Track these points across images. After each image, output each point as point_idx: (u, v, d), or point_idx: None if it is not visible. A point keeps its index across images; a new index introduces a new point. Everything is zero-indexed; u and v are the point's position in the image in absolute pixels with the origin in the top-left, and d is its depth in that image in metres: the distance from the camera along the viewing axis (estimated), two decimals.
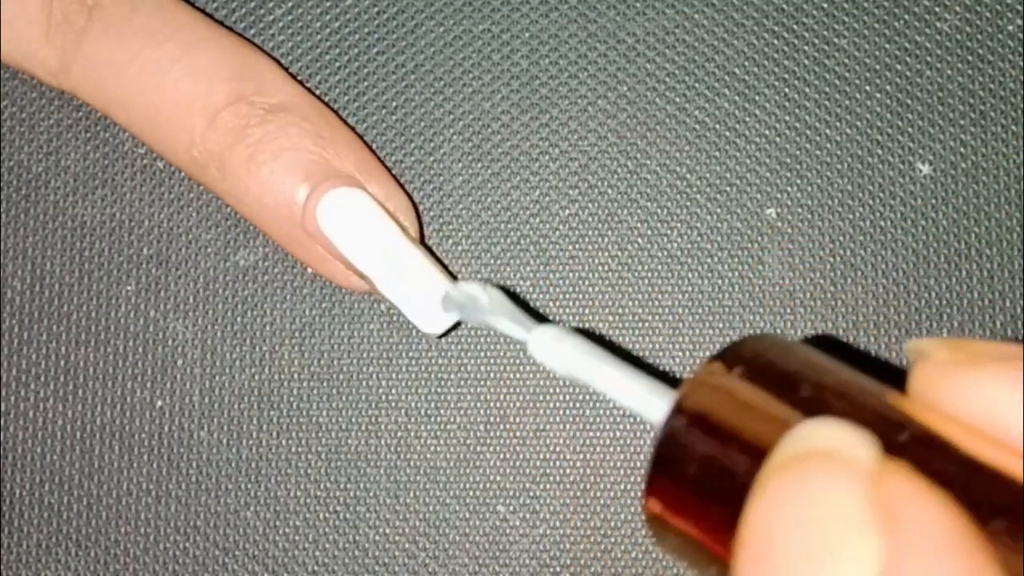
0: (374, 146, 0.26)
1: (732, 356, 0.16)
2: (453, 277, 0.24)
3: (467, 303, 0.22)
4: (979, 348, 0.15)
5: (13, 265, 0.26)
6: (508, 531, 0.25)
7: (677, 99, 0.26)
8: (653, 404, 0.17)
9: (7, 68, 0.26)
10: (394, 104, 0.26)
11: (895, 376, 0.15)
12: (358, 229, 0.23)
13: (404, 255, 0.23)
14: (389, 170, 0.25)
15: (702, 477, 0.15)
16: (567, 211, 0.26)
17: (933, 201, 0.25)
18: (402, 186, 0.25)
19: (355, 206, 0.23)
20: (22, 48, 0.24)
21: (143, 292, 0.26)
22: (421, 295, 0.23)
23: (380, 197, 0.24)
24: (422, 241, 0.25)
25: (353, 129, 0.26)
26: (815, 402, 0.14)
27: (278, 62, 0.26)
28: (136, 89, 0.23)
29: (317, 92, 0.26)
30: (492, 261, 0.26)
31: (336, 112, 0.26)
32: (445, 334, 0.25)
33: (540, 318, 0.26)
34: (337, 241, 0.23)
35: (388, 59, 0.26)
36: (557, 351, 0.19)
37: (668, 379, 0.17)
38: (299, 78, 0.26)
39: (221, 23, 0.26)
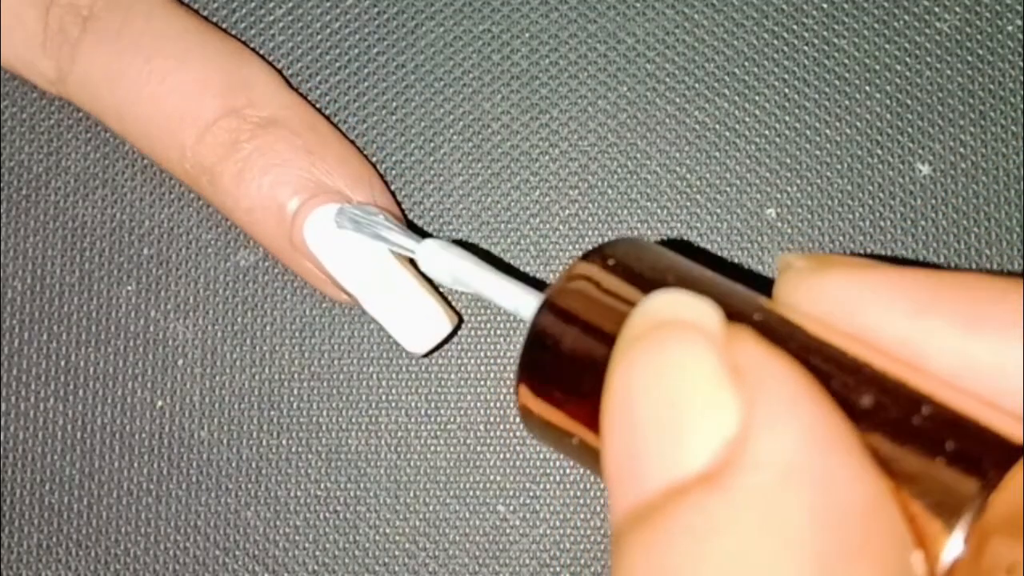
0: (374, 147, 0.26)
1: (600, 256, 0.16)
2: (441, 295, 0.24)
3: (362, 218, 0.23)
4: (834, 258, 0.16)
5: (13, 265, 0.26)
6: (508, 531, 0.25)
7: (677, 99, 0.26)
8: (526, 303, 0.18)
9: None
10: (394, 104, 0.26)
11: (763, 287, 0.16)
12: (343, 246, 0.23)
13: (390, 272, 0.23)
14: (384, 180, 0.25)
15: (569, 366, 0.16)
16: (567, 211, 0.26)
17: (933, 201, 0.25)
18: (396, 199, 0.25)
19: (342, 223, 0.23)
20: (21, 58, 0.24)
21: (143, 292, 0.26)
22: (406, 313, 0.23)
23: (370, 212, 0.24)
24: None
25: (347, 136, 0.26)
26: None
27: (276, 64, 0.26)
28: (128, 102, 0.24)
29: (316, 93, 0.26)
30: (492, 261, 0.26)
31: (335, 114, 0.26)
32: (430, 353, 0.25)
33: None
34: (322, 258, 0.23)
35: (388, 59, 0.26)
36: (443, 260, 0.20)
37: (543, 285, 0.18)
38: (298, 79, 0.26)
39: (217, 26, 0.26)
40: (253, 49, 0.26)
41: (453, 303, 0.25)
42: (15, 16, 0.24)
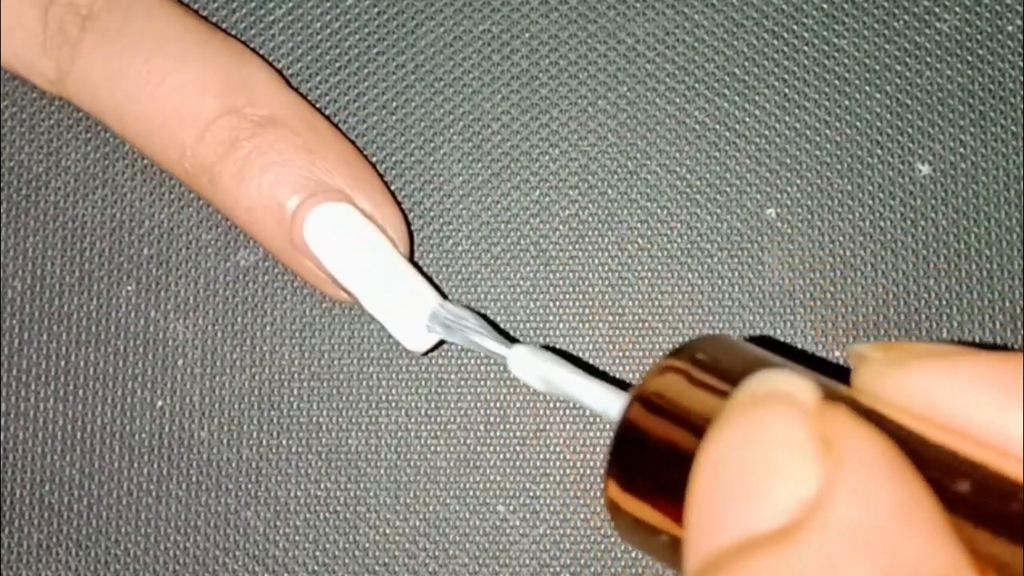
0: (374, 147, 0.26)
1: (684, 354, 0.17)
2: (442, 293, 0.24)
3: (453, 322, 0.23)
4: (911, 347, 0.16)
5: (13, 265, 0.26)
6: (508, 531, 0.25)
7: (677, 99, 0.26)
8: (613, 403, 0.19)
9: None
10: (394, 104, 0.26)
11: (841, 376, 0.16)
12: (343, 245, 0.23)
13: (390, 271, 0.23)
14: (384, 180, 0.25)
15: (659, 460, 0.16)
16: (567, 211, 0.26)
17: (933, 201, 0.25)
18: (396, 198, 0.25)
19: (341, 221, 0.23)
20: (21, 58, 0.24)
21: (143, 292, 0.26)
22: (406, 312, 0.23)
23: (369, 211, 0.24)
24: (412, 255, 0.25)
25: (347, 136, 0.26)
26: None
27: (276, 64, 0.26)
28: (128, 102, 0.24)
29: (316, 92, 0.26)
30: (492, 261, 0.26)
31: (335, 114, 0.26)
32: (428, 352, 0.25)
33: (531, 323, 0.26)
34: (322, 257, 0.23)
35: (388, 59, 0.26)
36: (533, 365, 0.21)
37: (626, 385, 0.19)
38: (298, 79, 0.26)
39: (217, 26, 0.26)
40: (253, 49, 0.26)
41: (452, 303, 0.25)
42: (15, 16, 0.24)
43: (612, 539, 0.25)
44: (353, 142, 0.25)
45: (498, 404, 0.25)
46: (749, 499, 0.13)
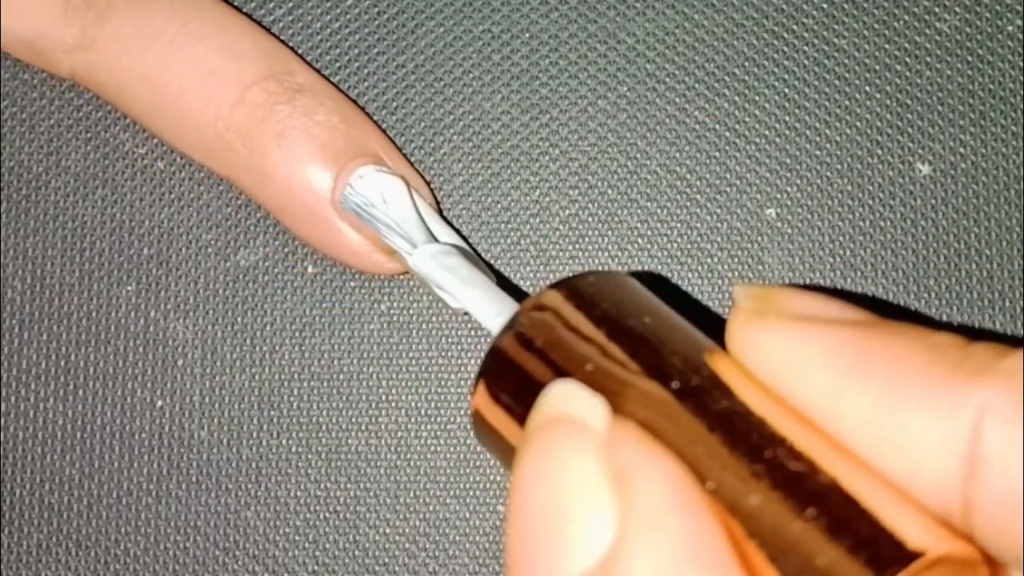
0: None
1: (568, 287, 0.17)
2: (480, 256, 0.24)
3: (361, 208, 0.23)
4: (782, 301, 0.16)
5: (13, 265, 0.26)
6: None
7: (677, 99, 0.26)
8: (494, 322, 0.20)
9: (8, 62, 0.26)
10: (394, 104, 0.26)
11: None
12: (389, 203, 0.23)
13: (435, 231, 0.23)
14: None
15: (512, 390, 0.17)
16: (567, 211, 0.26)
17: (933, 201, 0.25)
18: (420, 172, 0.25)
19: (385, 182, 0.23)
20: (35, 26, 0.24)
21: (143, 292, 0.26)
22: (450, 270, 0.23)
23: (404, 176, 0.24)
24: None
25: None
26: (624, 340, 0.16)
27: None
28: (162, 63, 0.23)
29: None
30: (492, 261, 0.26)
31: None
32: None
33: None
34: (367, 215, 0.23)
35: (388, 59, 0.26)
36: (430, 267, 0.21)
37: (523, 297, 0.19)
38: None
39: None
40: None
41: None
42: None
43: None
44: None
45: None
46: (550, 552, 0.13)
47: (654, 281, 0.25)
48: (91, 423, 0.26)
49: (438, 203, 0.25)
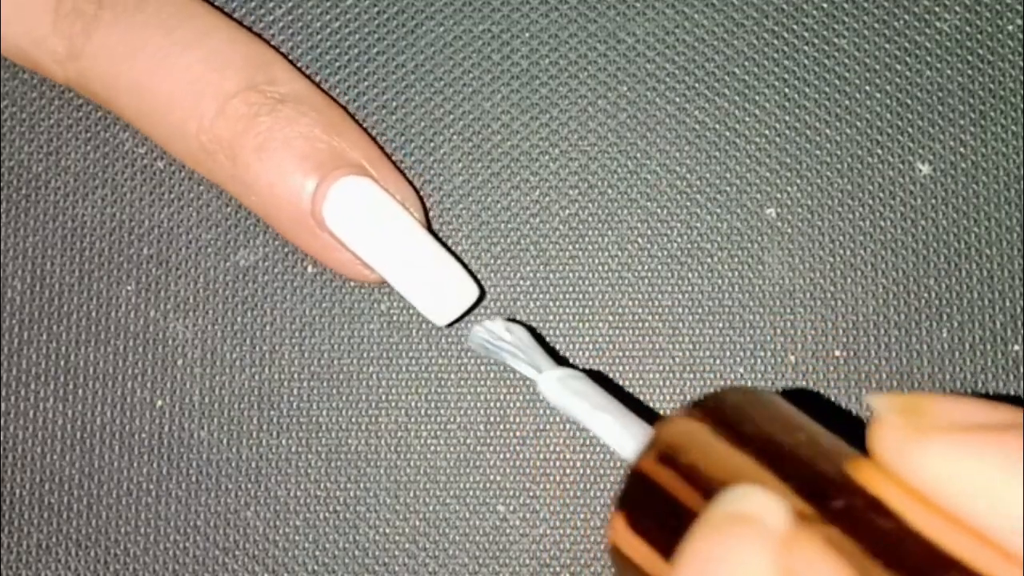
0: None
1: (705, 406, 0.17)
2: (463, 264, 0.24)
3: (491, 343, 0.23)
4: (933, 412, 0.15)
5: (13, 265, 0.26)
6: (508, 531, 0.25)
7: (677, 99, 0.26)
8: (629, 445, 0.19)
9: (8, 63, 0.26)
10: (394, 104, 0.26)
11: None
12: (368, 218, 0.23)
13: (415, 243, 0.23)
14: (396, 164, 0.25)
15: (656, 517, 0.16)
16: (567, 211, 0.26)
17: (933, 201, 0.25)
18: (409, 180, 0.25)
19: (365, 195, 0.23)
20: (29, 36, 0.24)
21: (143, 292, 0.26)
22: (431, 284, 0.23)
23: (389, 187, 0.24)
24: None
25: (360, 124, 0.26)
26: (771, 459, 0.15)
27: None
28: (147, 74, 0.23)
29: None
30: (492, 261, 0.26)
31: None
32: (452, 324, 0.25)
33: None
34: (346, 230, 0.23)
35: (388, 59, 0.26)
36: (559, 393, 0.21)
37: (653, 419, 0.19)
38: None
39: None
40: None
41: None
42: None
43: None
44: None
45: (498, 404, 0.25)
46: None
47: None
48: (91, 423, 0.26)
49: (426, 213, 0.25)
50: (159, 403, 0.26)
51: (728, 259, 0.25)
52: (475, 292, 0.24)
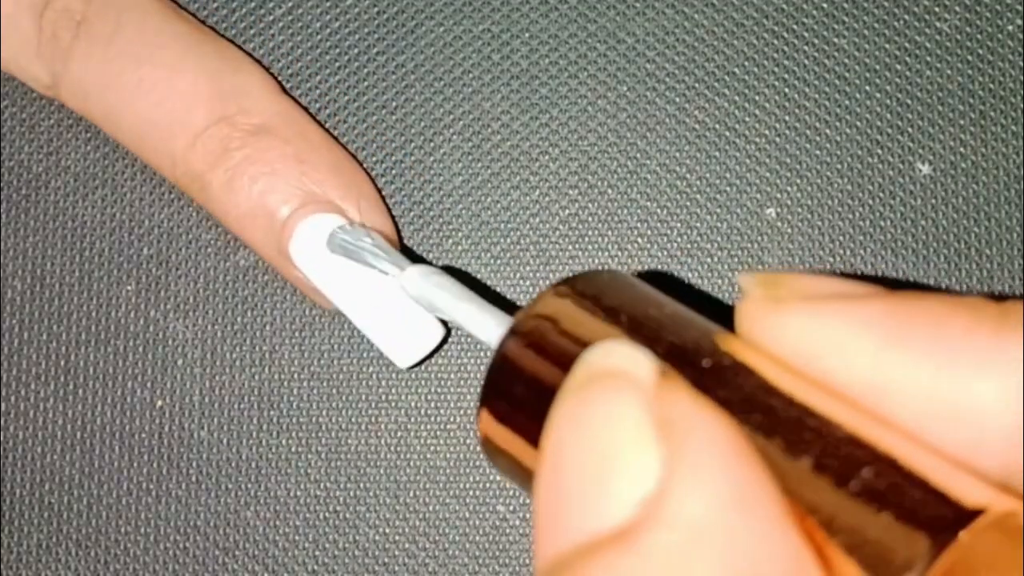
0: (374, 147, 0.26)
1: (567, 288, 0.16)
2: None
3: (351, 242, 0.23)
4: (792, 285, 0.15)
5: (13, 265, 0.26)
6: (508, 531, 0.25)
7: (677, 99, 0.26)
8: (494, 332, 0.18)
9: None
10: (394, 104, 0.26)
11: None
12: (331, 258, 0.23)
13: (379, 285, 0.23)
14: (377, 186, 0.25)
15: (526, 397, 0.16)
16: (567, 211, 0.26)
17: (933, 201, 0.25)
18: (388, 205, 0.25)
19: (330, 234, 0.23)
20: (17, 63, 0.24)
21: (143, 292, 0.26)
22: (394, 325, 0.23)
23: (359, 219, 0.24)
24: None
25: (339, 141, 0.26)
26: (634, 328, 0.15)
27: (276, 64, 0.26)
28: (119, 109, 0.24)
29: (316, 93, 0.26)
30: (492, 261, 0.26)
31: (335, 114, 0.26)
32: (416, 366, 0.25)
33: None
34: (310, 269, 0.23)
35: (388, 59, 0.26)
36: (423, 287, 0.21)
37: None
38: (298, 79, 0.26)
39: (215, 28, 0.26)
40: (252, 50, 0.26)
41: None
42: (11, 21, 0.24)
43: None
44: (346, 147, 0.25)
45: None
46: (589, 498, 0.12)
47: (652, 278, 0.25)
48: (91, 423, 0.26)
49: (401, 241, 0.25)
50: (159, 403, 0.26)
51: (728, 259, 0.25)
52: (440, 334, 0.24)
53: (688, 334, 0.15)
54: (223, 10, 0.26)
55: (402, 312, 0.23)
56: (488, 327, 0.19)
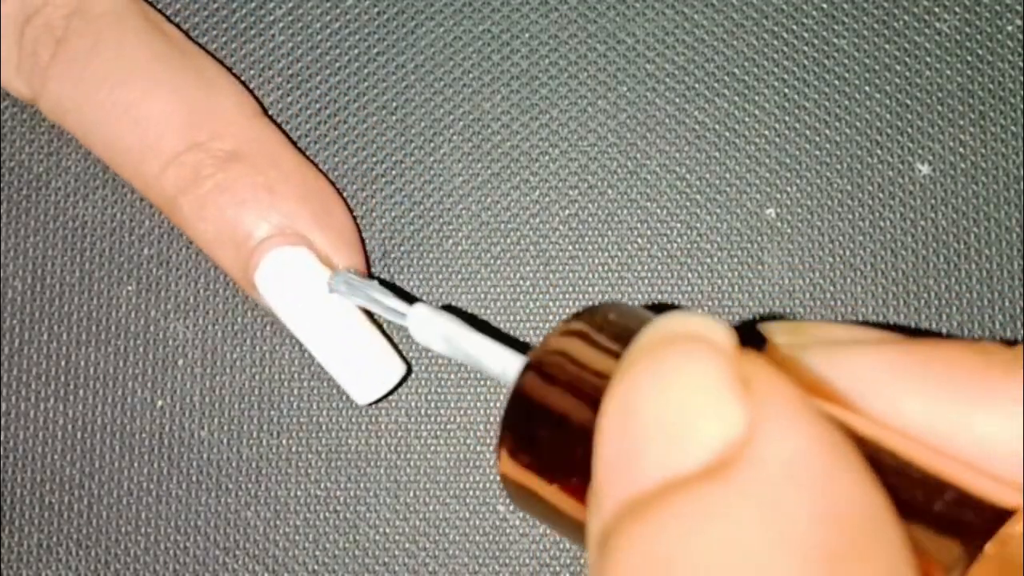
0: (374, 147, 0.26)
1: (584, 319, 0.16)
2: (392, 343, 0.24)
3: (356, 281, 0.23)
4: (815, 332, 0.16)
5: (13, 265, 0.26)
6: (508, 531, 0.25)
7: (677, 99, 0.26)
8: (511, 367, 0.18)
9: None
10: (394, 104, 0.26)
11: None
12: (293, 292, 0.23)
13: (341, 321, 0.23)
14: (350, 210, 0.25)
15: (552, 431, 0.15)
16: (567, 211, 0.26)
17: (933, 201, 0.25)
18: (359, 229, 0.25)
19: (293, 268, 0.23)
20: (2, 77, 0.24)
21: (143, 292, 0.26)
22: (355, 362, 0.23)
23: (327, 250, 0.24)
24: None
25: (318, 167, 0.26)
26: None
27: (276, 64, 0.26)
28: (94, 128, 0.24)
29: (316, 92, 0.26)
30: (492, 261, 0.26)
31: (335, 114, 0.26)
32: (376, 402, 0.25)
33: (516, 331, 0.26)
34: (274, 302, 0.23)
35: (388, 59, 0.26)
36: (434, 324, 0.20)
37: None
38: (298, 79, 0.26)
39: (214, 29, 0.26)
40: (252, 50, 0.26)
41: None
42: None
43: None
44: (320, 169, 0.25)
45: (498, 404, 0.25)
46: (671, 440, 0.12)
47: (659, 310, 0.24)
48: (91, 423, 0.26)
49: (369, 269, 0.25)
50: (159, 403, 0.26)
51: (728, 259, 0.25)
52: (400, 371, 0.24)
53: None
54: (224, 10, 0.26)
55: (363, 349, 0.23)
56: (504, 362, 0.18)
